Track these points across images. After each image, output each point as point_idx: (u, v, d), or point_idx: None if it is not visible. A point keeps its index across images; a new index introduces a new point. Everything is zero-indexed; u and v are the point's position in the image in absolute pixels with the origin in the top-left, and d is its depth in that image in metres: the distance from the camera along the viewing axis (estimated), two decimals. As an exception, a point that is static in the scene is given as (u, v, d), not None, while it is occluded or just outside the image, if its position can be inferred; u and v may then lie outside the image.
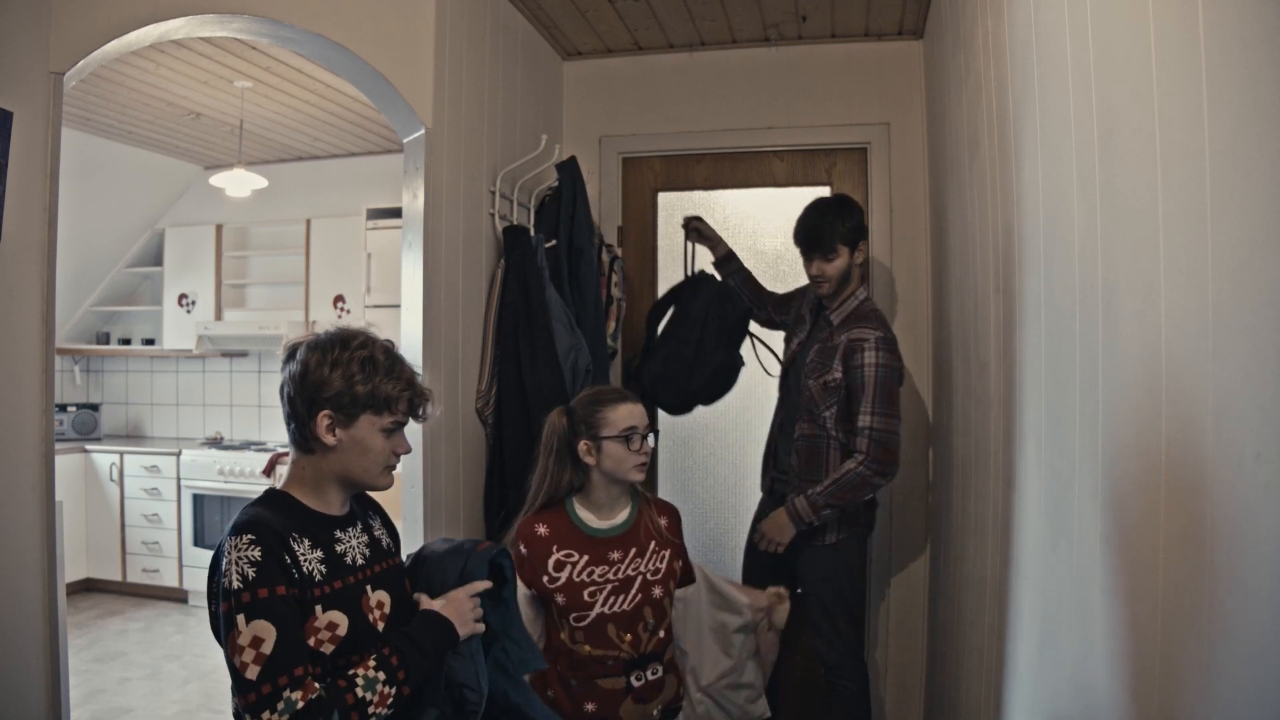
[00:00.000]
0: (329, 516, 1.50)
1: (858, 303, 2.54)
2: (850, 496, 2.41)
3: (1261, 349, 0.72)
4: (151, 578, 5.29)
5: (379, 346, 1.49)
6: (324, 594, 1.40)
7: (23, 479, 1.66)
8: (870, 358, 2.40)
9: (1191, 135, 0.84)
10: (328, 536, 1.47)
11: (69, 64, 1.73)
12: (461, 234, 2.62)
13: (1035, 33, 1.48)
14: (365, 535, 1.55)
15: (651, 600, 1.99)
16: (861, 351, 2.41)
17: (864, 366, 2.40)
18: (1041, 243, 1.46)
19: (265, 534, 1.36)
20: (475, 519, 2.67)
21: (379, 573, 1.52)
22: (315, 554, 1.42)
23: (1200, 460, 0.83)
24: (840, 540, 2.54)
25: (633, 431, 1.99)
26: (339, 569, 1.45)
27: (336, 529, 1.50)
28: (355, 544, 1.51)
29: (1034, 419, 1.51)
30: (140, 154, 5.30)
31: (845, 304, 2.54)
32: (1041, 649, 1.46)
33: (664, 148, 3.47)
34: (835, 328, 2.51)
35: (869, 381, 2.39)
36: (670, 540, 2.07)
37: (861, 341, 2.42)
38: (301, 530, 1.43)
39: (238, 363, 5.89)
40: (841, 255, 2.49)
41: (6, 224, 1.60)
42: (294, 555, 1.38)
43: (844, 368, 2.44)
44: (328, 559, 1.44)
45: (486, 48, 2.81)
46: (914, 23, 3.14)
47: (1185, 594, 0.87)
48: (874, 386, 2.39)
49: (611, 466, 1.99)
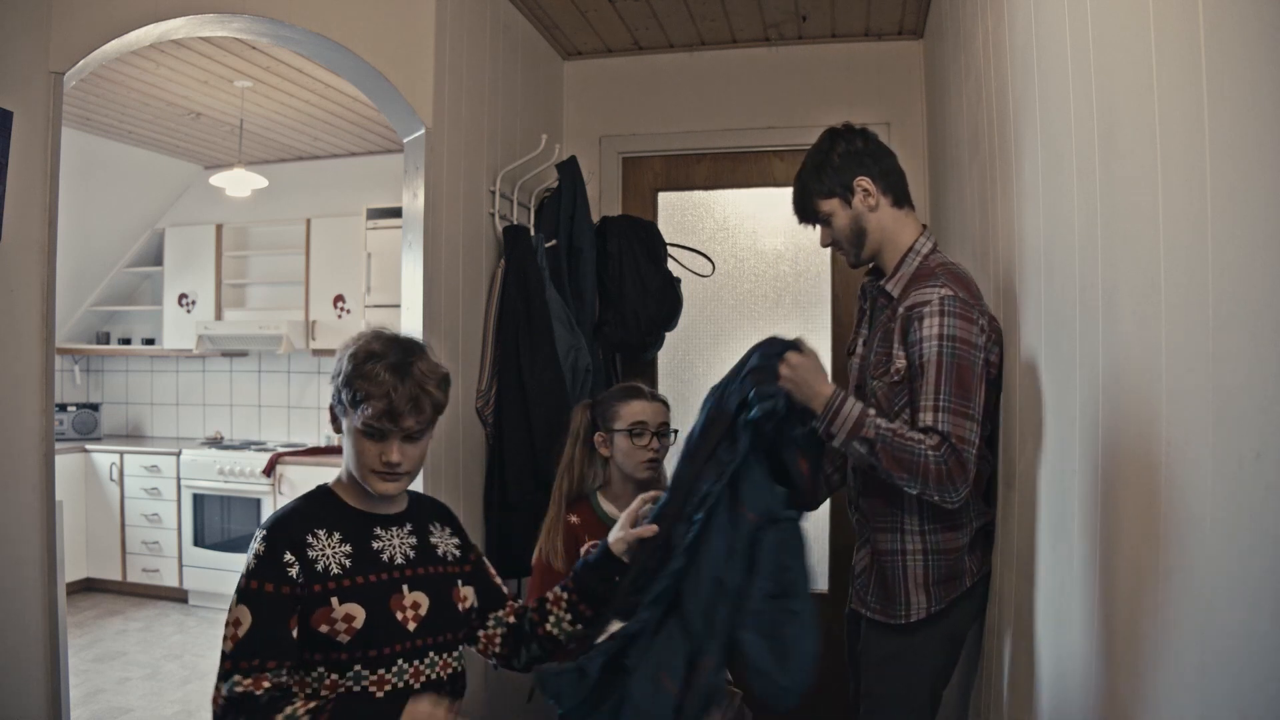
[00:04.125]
0: (369, 514, 1.53)
1: (920, 258, 1.76)
2: (901, 461, 1.58)
3: (1261, 349, 0.72)
4: (151, 577, 5.29)
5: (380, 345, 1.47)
6: (342, 586, 1.43)
7: (23, 479, 1.66)
8: (932, 326, 1.62)
9: (1191, 135, 0.84)
10: (365, 532, 1.50)
11: (69, 64, 1.73)
12: (461, 234, 2.62)
13: (1035, 33, 1.48)
14: (415, 538, 1.56)
15: None
16: (923, 319, 1.63)
17: (925, 340, 1.62)
18: (1041, 243, 1.46)
19: (274, 532, 1.43)
20: (475, 518, 2.67)
21: (422, 575, 1.53)
22: (343, 548, 1.46)
23: (1200, 460, 0.83)
24: (928, 616, 1.72)
25: (641, 427, 2.04)
26: (369, 564, 1.47)
27: (378, 526, 1.53)
28: (398, 543, 1.53)
29: (1034, 419, 1.51)
30: (140, 154, 5.30)
31: (903, 266, 1.77)
32: (1041, 649, 1.46)
33: (664, 148, 3.47)
34: (895, 300, 1.75)
35: (931, 358, 1.60)
36: None
37: (922, 306, 1.64)
38: (333, 525, 1.48)
39: (238, 362, 5.89)
40: (837, 211, 1.79)
41: (6, 224, 1.60)
42: (304, 552, 1.42)
43: (905, 345, 1.67)
44: (357, 554, 1.47)
45: (486, 48, 2.81)
46: (914, 23, 3.14)
47: (1185, 595, 0.87)
48: (937, 367, 1.60)
49: (621, 459, 2.07)
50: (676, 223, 3.49)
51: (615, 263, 3.11)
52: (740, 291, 3.47)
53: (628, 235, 3.15)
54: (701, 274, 3.36)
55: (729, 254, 3.47)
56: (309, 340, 5.40)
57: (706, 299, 3.46)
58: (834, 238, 1.83)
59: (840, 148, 1.81)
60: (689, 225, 3.50)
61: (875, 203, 1.79)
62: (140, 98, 4.27)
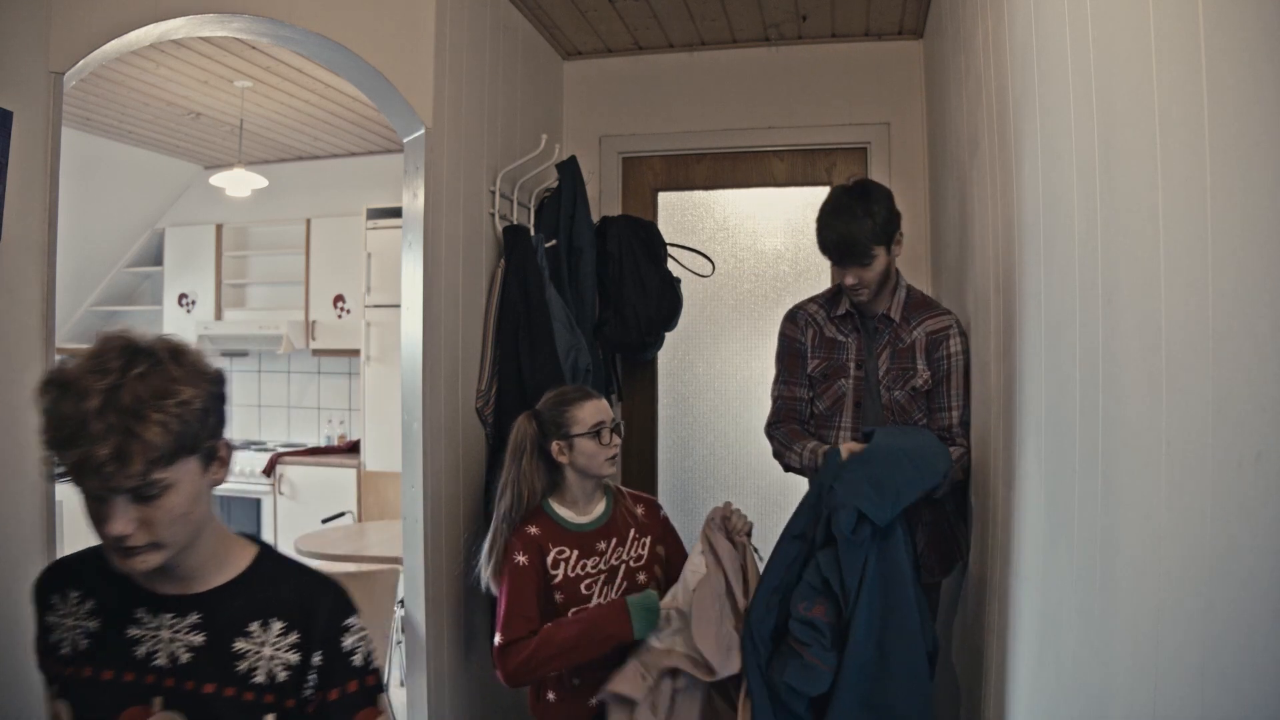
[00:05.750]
0: (139, 588, 1.09)
1: (905, 289, 2.23)
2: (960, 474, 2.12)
3: (1261, 349, 0.72)
4: (151, 577, 5.29)
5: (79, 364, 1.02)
6: (64, 675, 1.08)
7: (23, 479, 1.66)
8: (955, 345, 2.15)
9: (1191, 135, 0.84)
10: (125, 610, 1.09)
11: (69, 64, 1.73)
12: (461, 234, 2.62)
13: (1035, 33, 1.48)
14: (203, 634, 1.08)
15: (636, 587, 2.05)
16: (947, 341, 2.15)
17: (950, 356, 2.15)
18: (1041, 243, 1.46)
19: (40, 582, 1.16)
20: (475, 518, 2.67)
21: (189, 692, 1.06)
22: (88, 623, 1.09)
23: (1200, 460, 0.83)
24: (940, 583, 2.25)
25: (601, 426, 2.05)
26: (113, 655, 1.07)
27: (144, 608, 1.09)
28: (167, 637, 1.08)
29: (1034, 419, 1.51)
30: (140, 154, 5.30)
31: (895, 298, 2.21)
32: (1041, 649, 1.46)
33: (664, 148, 3.47)
34: (898, 325, 2.19)
35: (954, 371, 2.14)
36: (648, 527, 2.13)
37: (945, 330, 2.16)
38: (90, 589, 1.11)
39: (238, 362, 5.89)
40: (879, 257, 2.11)
41: (6, 224, 1.60)
42: (45, 615, 1.11)
43: (928, 362, 2.16)
44: (101, 635, 1.08)
45: (486, 48, 2.81)
46: (914, 23, 3.14)
47: (1184, 595, 0.87)
48: (960, 376, 2.15)
49: (584, 463, 2.05)
50: (676, 223, 3.49)
51: (615, 263, 3.12)
52: (740, 291, 3.47)
53: (628, 235, 3.15)
54: (701, 274, 3.36)
55: (729, 254, 3.47)
56: (309, 340, 5.40)
57: (706, 299, 3.46)
58: (864, 279, 2.13)
59: (887, 201, 2.15)
60: (689, 225, 3.50)
61: (900, 251, 2.19)
62: (140, 98, 4.27)
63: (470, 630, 2.63)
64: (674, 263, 3.29)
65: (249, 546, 1.17)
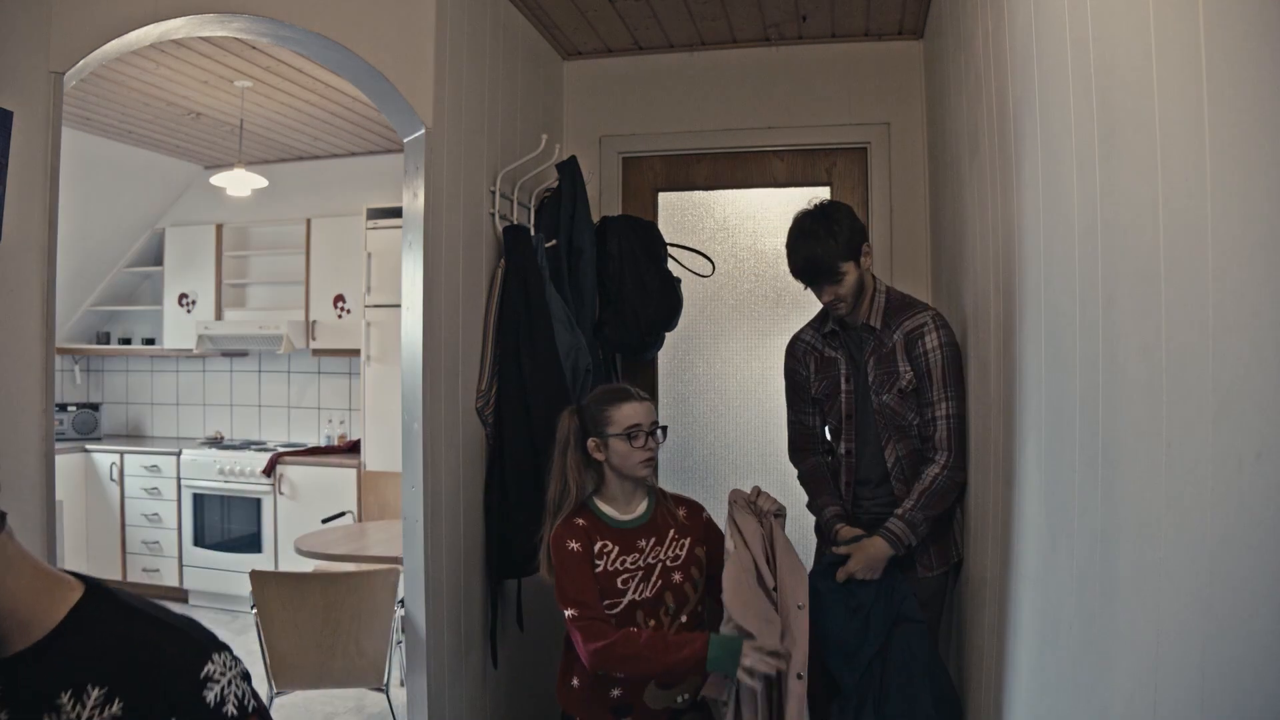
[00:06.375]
0: None
1: (884, 294, 2.28)
2: (942, 504, 2.16)
3: (1261, 349, 0.72)
4: (152, 577, 5.29)
5: None
6: None
7: (23, 479, 1.66)
8: (933, 340, 2.18)
9: (1191, 135, 0.84)
10: None
11: (69, 64, 1.73)
12: (461, 234, 2.62)
13: (1035, 33, 1.48)
14: (5, 714, 0.89)
15: (671, 585, 2.06)
16: (923, 337, 2.19)
17: (928, 351, 2.18)
18: (1041, 243, 1.46)
19: None
20: (475, 518, 2.67)
21: None
22: None
23: (1200, 460, 0.83)
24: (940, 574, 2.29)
25: (636, 429, 2.05)
26: None
27: None
28: None
29: (1034, 419, 1.51)
30: (140, 154, 5.30)
31: (873, 306, 2.27)
32: (1041, 649, 1.46)
33: (664, 148, 3.47)
34: (880, 331, 2.25)
35: (936, 365, 2.17)
36: (689, 529, 2.14)
37: (920, 327, 2.20)
38: None
39: (238, 362, 5.89)
40: (849, 272, 2.20)
41: (6, 224, 1.60)
42: None
43: (909, 360, 2.20)
44: None
45: (486, 48, 2.81)
46: (914, 23, 3.14)
47: (1184, 595, 0.87)
48: (943, 369, 2.17)
49: (618, 463, 2.06)
50: (676, 223, 3.49)
51: (615, 263, 3.11)
52: (740, 291, 3.47)
53: (628, 235, 3.15)
54: (701, 274, 3.36)
55: (729, 254, 3.47)
56: (309, 340, 5.40)
57: (706, 299, 3.46)
58: (840, 294, 2.22)
59: (849, 218, 2.24)
60: (689, 225, 3.50)
61: (870, 262, 2.28)
62: (140, 98, 4.27)
63: (470, 630, 2.63)
64: (674, 263, 3.29)
65: (70, 592, 0.93)
